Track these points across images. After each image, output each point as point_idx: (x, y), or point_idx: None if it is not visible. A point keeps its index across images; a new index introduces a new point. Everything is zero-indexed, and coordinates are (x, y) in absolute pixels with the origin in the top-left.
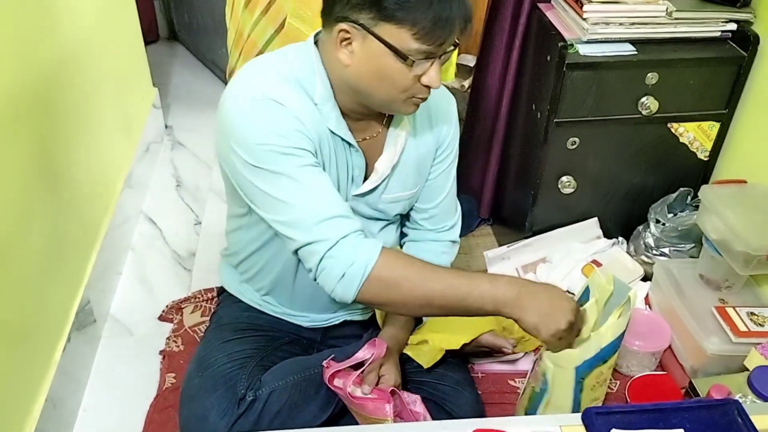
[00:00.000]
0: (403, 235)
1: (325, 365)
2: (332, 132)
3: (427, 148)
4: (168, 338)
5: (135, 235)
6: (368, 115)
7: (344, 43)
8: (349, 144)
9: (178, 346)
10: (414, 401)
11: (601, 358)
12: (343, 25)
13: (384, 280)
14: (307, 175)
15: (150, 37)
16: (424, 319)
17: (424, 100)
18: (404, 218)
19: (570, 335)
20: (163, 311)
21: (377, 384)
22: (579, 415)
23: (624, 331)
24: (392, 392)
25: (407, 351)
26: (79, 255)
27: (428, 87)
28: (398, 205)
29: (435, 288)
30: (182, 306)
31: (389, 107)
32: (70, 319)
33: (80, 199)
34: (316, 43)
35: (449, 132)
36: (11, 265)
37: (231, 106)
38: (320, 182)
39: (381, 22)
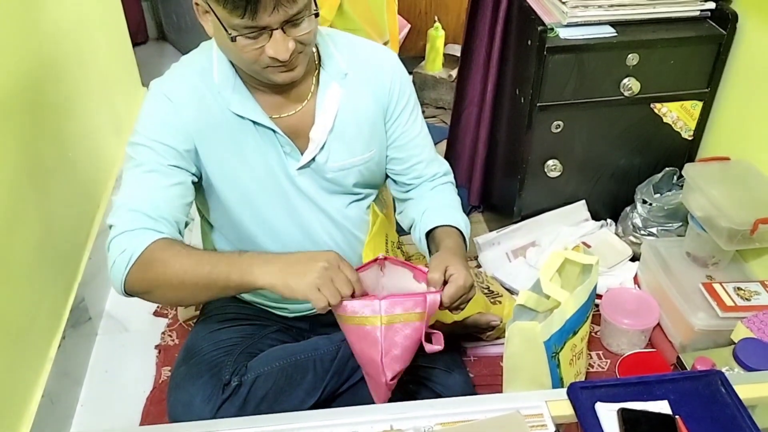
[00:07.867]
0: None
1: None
2: (238, 115)
3: (371, 110)
4: (163, 333)
5: None
6: (286, 87)
7: (202, 12)
8: (254, 122)
9: (173, 340)
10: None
11: (569, 330)
12: None
13: (142, 263)
14: (152, 170)
15: (139, 38)
16: None
17: (287, 65)
18: (394, 190)
19: (327, 285)
20: (158, 306)
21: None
22: (564, 390)
23: (590, 301)
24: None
25: None
26: (73, 253)
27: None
28: (351, 173)
29: (184, 264)
30: None
31: (259, 76)
32: (64, 317)
33: (72, 197)
34: None
35: (393, 86)
36: (3, 264)
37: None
38: (157, 181)
39: None
